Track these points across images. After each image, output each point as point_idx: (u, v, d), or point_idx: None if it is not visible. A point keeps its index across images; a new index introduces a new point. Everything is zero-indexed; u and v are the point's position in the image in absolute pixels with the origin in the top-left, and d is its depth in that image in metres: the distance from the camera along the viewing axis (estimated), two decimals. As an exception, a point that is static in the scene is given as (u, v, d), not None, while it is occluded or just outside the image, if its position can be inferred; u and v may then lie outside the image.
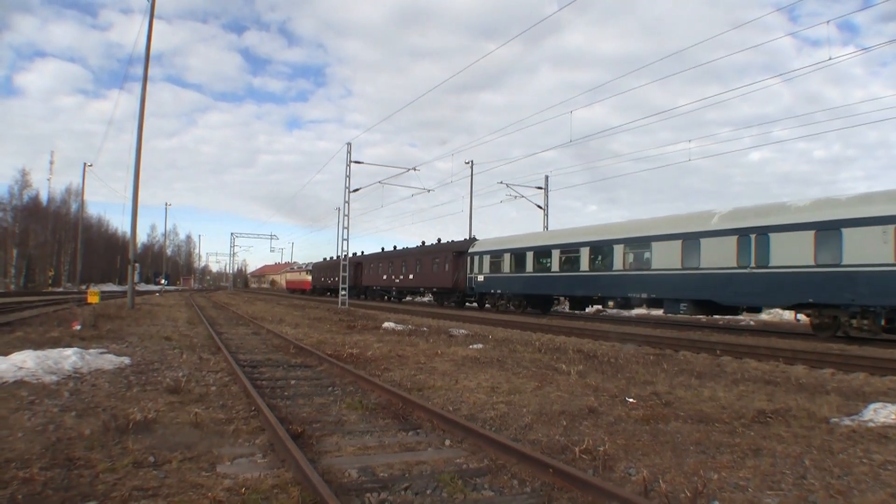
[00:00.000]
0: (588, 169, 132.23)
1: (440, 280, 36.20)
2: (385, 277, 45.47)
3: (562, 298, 29.50)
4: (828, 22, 17.81)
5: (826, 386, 8.36)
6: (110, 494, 3.71)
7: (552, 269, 25.63)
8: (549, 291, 26.96)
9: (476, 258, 31.84)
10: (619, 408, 6.58)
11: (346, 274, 35.86)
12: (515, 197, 39.45)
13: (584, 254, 23.66)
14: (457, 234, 39.73)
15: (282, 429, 4.93)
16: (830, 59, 16.55)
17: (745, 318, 25.54)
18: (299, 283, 78.44)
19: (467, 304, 35.75)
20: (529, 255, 27.36)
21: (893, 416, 5.92)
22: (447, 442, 5.20)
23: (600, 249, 22.99)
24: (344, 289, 35.34)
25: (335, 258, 55.01)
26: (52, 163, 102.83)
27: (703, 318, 21.98)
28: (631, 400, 6.99)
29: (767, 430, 5.64)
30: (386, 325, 18.07)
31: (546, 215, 39.66)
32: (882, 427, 5.67)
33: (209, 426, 5.49)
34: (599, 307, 28.17)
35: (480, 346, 12.78)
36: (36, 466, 4.11)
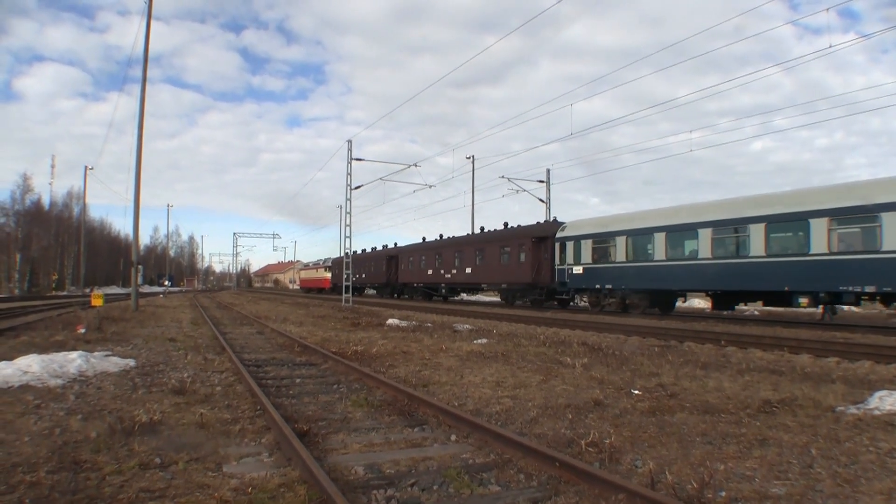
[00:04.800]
0: (589, 162, 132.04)
1: (513, 274, 29.27)
2: (430, 273, 38.21)
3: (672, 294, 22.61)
4: (828, 9, 17.36)
5: (831, 375, 8.35)
6: (117, 497, 3.71)
7: (699, 256, 19.13)
8: (693, 286, 20.47)
9: (569, 244, 24.90)
10: (624, 400, 6.58)
11: (350, 272, 36.01)
12: (517, 191, 39.46)
13: (756, 233, 17.29)
14: (459, 229, 38.25)
15: (287, 427, 4.93)
16: (831, 46, 16.25)
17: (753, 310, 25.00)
18: (316, 281, 69.95)
19: (544, 303, 28.50)
20: (659, 238, 20.69)
21: (900, 404, 5.90)
22: (453, 437, 5.20)
23: (785, 226, 16.95)
24: (348, 286, 35.43)
25: (364, 251, 51.49)
26: (53, 167, 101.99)
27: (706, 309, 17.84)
28: (636, 392, 6.99)
29: (773, 419, 5.64)
30: (390, 321, 18.07)
31: (548, 209, 39.64)
32: (888, 415, 5.66)
33: (215, 426, 5.50)
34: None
35: (485, 340, 12.78)
36: (42, 470, 4.12)
